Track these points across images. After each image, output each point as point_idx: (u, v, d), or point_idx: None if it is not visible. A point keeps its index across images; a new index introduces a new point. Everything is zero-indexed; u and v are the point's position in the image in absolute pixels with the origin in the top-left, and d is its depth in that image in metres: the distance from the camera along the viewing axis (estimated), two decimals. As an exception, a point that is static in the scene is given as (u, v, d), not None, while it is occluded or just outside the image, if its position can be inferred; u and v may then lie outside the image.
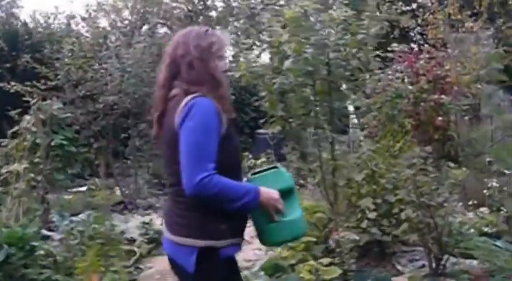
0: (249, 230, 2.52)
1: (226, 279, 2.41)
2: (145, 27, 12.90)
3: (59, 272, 5.10)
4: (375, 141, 8.05)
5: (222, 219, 2.30)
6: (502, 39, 11.58)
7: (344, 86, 6.39)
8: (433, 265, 5.03)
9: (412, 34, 14.28)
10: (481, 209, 6.48)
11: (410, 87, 8.26)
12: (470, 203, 6.72)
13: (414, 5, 14.65)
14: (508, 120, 9.49)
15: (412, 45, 13.57)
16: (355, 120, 9.33)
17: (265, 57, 5.77)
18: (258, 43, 6.09)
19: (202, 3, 15.16)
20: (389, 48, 7.57)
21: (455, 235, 5.10)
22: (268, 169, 2.58)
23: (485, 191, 6.57)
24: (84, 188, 10.62)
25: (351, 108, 9.04)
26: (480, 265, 5.04)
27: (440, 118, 8.07)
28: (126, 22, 13.32)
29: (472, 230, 5.66)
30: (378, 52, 5.32)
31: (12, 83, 8.40)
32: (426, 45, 11.39)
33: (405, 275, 4.90)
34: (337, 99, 4.75)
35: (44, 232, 5.96)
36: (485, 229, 5.98)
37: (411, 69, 8.43)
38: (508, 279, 4.69)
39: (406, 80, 8.45)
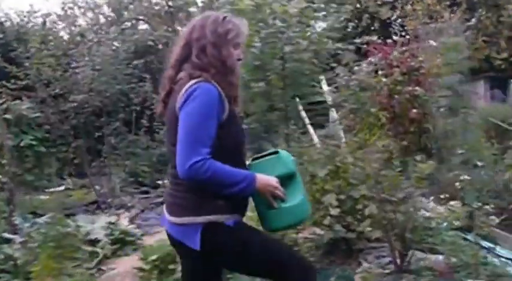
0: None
1: (234, 245, 2.39)
2: (122, 24, 12.71)
3: (18, 276, 5.00)
4: (353, 134, 7.98)
5: (219, 195, 2.31)
6: (481, 30, 11.51)
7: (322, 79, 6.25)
8: (398, 261, 4.92)
9: (395, 26, 14.16)
10: (453, 202, 6.37)
11: (384, 79, 8.17)
12: (442, 196, 6.62)
13: (394, -4, 14.53)
14: (486, 110, 9.44)
15: (395, 37, 13.50)
16: (334, 115, 9.27)
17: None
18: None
19: (183, -2, 14.96)
20: (359, 41, 7.47)
21: (420, 230, 5.00)
22: (270, 154, 2.54)
23: (457, 183, 6.49)
24: (61, 188, 10.51)
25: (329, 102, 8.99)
26: (446, 260, 4.94)
27: (415, 110, 7.97)
28: (102, 20, 13.14)
29: (444, 224, 5.58)
30: (339, 45, 5.21)
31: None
32: (408, 37, 11.33)
33: (358, 274, 4.78)
34: (294, 94, 4.62)
35: (6, 235, 5.84)
36: (456, 223, 5.89)
37: (385, 61, 8.34)
38: (473, 274, 4.61)
39: (380, 72, 8.37)
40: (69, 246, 4.78)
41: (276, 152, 2.55)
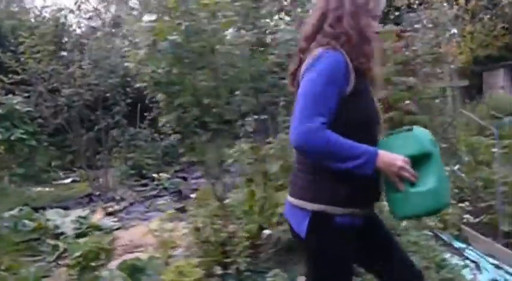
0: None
1: (342, 249, 2.25)
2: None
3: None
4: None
5: (342, 185, 2.18)
6: (500, 16, 10.84)
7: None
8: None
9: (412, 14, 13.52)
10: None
11: (376, 70, 7.85)
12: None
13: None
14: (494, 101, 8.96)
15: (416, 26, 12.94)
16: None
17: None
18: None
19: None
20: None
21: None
22: (404, 131, 2.27)
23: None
24: (68, 181, 10.71)
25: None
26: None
27: (408, 102, 7.59)
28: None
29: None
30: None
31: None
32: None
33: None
34: (225, 89, 4.44)
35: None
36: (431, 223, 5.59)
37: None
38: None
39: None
40: (6, 240, 4.77)
41: (410, 129, 2.26)
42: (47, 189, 9.74)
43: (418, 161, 2.14)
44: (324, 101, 2.09)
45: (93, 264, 4.08)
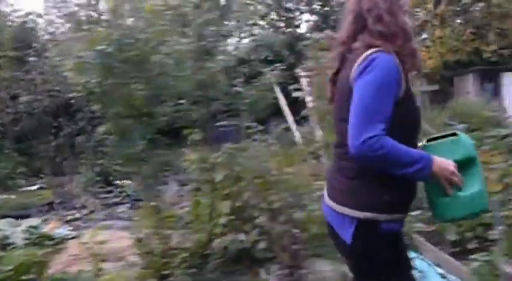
0: None
1: (387, 254, 2.24)
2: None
3: None
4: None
5: (386, 190, 2.15)
6: (470, 21, 10.83)
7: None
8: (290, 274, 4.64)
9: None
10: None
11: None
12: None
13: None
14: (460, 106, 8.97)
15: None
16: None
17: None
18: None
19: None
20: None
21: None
22: (447, 136, 2.30)
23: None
24: (35, 187, 10.56)
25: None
26: (337, 270, 4.62)
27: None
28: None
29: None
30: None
31: None
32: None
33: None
34: (170, 98, 4.38)
35: None
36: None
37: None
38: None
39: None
40: None
41: (455, 134, 2.30)
42: (13, 196, 9.62)
43: (461, 166, 2.19)
44: (383, 107, 2.06)
45: (23, 278, 3.99)
